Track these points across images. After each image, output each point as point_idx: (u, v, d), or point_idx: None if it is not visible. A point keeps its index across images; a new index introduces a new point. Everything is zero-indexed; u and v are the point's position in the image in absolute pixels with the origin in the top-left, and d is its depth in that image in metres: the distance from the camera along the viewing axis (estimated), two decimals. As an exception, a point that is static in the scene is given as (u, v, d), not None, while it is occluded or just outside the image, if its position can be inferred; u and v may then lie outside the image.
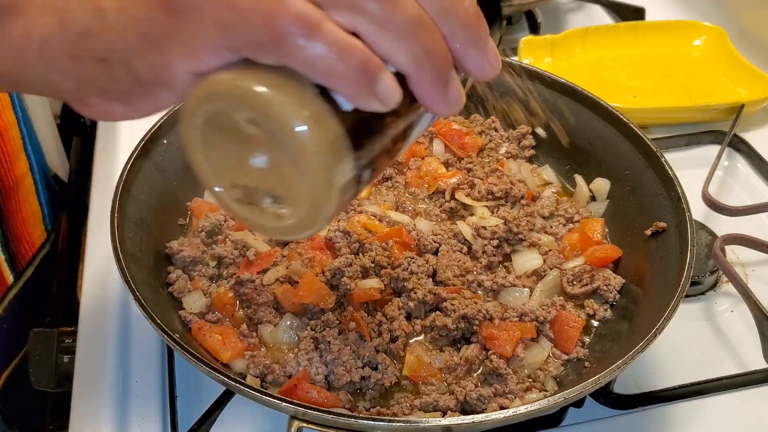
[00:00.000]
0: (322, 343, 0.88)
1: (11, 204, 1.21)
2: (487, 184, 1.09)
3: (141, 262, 0.91)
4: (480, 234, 1.02)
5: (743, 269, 1.11)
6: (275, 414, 0.79)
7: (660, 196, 0.98)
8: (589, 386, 0.75)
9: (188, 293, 0.95)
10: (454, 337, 0.91)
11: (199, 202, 1.06)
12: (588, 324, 0.96)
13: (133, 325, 1.01)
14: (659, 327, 0.79)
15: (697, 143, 1.33)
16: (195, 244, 0.99)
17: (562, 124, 1.14)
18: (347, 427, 0.73)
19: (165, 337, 0.78)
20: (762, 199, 1.21)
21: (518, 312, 0.92)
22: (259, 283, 0.94)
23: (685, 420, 0.92)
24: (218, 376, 0.75)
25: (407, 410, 0.84)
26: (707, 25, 1.52)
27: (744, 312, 0.99)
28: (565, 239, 1.04)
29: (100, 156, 1.29)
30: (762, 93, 1.35)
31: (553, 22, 1.68)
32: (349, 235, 0.98)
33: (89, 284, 1.07)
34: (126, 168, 0.95)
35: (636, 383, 0.95)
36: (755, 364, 0.97)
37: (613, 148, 1.08)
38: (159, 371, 0.96)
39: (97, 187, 1.22)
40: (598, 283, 0.97)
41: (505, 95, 1.18)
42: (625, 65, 1.48)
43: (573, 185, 1.12)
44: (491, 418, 0.73)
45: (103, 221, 0.91)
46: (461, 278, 0.97)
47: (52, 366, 0.99)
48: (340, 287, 0.92)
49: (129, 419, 0.91)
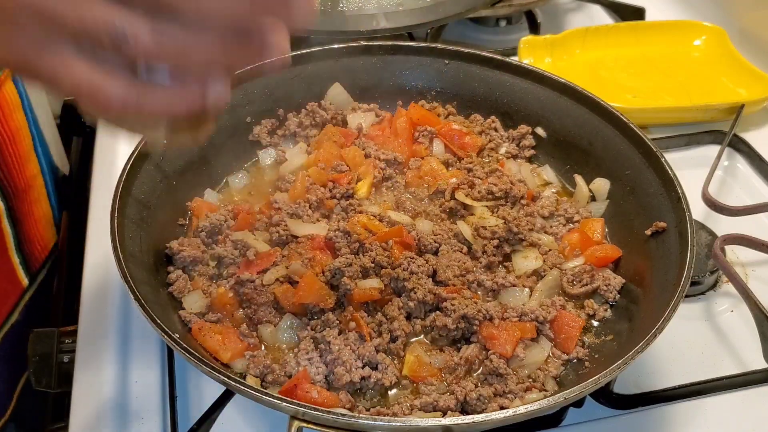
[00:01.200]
0: (322, 343, 0.88)
1: (24, 206, 1.21)
2: (487, 184, 1.09)
3: (141, 262, 0.91)
4: (480, 234, 1.02)
5: (743, 269, 1.11)
6: (275, 414, 0.79)
7: (660, 196, 0.98)
8: (589, 386, 0.75)
9: (188, 293, 0.95)
10: (454, 337, 0.91)
11: (199, 202, 1.06)
12: (588, 324, 0.96)
13: (133, 325, 1.01)
14: (659, 327, 0.79)
15: (697, 143, 1.33)
16: (195, 244, 0.99)
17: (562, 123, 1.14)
18: (347, 427, 0.73)
19: (165, 337, 0.78)
20: (762, 199, 1.21)
21: (518, 312, 0.92)
22: (259, 283, 0.94)
23: (685, 420, 0.92)
24: (218, 376, 0.75)
25: (407, 410, 0.84)
26: (707, 25, 1.52)
27: (744, 312, 0.99)
28: (565, 239, 1.04)
29: (100, 156, 1.29)
30: (762, 93, 1.35)
31: (553, 22, 1.68)
32: (349, 235, 0.98)
33: (89, 284, 1.07)
34: (126, 168, 0.95)
35: (636, 383, 0.95)
36: (755, 364, 0.97)
37: (613, 148, 1.08)
38: (159, 371, 0.96)
39: (97, 187, 1.22)
40: (598, 283, 0.97)
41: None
42: (625, 65, 1.48)
43: (573, 185, 1.12)
44: (491, 418, 0.73)
45: (103, 221, 0.91)
46: (461, 278, 0.97)
47: (52, 366, 0.99)
48: (340, 287, 0.92)
49: (129, 419, 0.91)
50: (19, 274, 1.21)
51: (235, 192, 1.12)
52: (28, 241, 1.23)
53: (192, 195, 1.07)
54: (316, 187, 1.07)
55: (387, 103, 1.23)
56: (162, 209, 1.00)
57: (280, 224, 1.02)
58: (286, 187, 1.09)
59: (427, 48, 1.21)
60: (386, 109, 1.23)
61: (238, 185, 1.13)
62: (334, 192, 1.08)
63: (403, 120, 1.18)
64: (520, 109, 1.19)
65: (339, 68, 1.20)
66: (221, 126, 1.12)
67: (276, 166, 1.15)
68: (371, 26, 1.38)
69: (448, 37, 1.56)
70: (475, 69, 1.20)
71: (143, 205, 0.97)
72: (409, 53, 1.21)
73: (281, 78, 1.17)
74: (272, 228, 1.02)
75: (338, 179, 1.09)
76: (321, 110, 1.19)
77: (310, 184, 1.08)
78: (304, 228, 1.01)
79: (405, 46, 1.22)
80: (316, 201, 1.05)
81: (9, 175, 1.17)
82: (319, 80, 1.20)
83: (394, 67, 1.22)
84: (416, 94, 1.23)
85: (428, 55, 1.21)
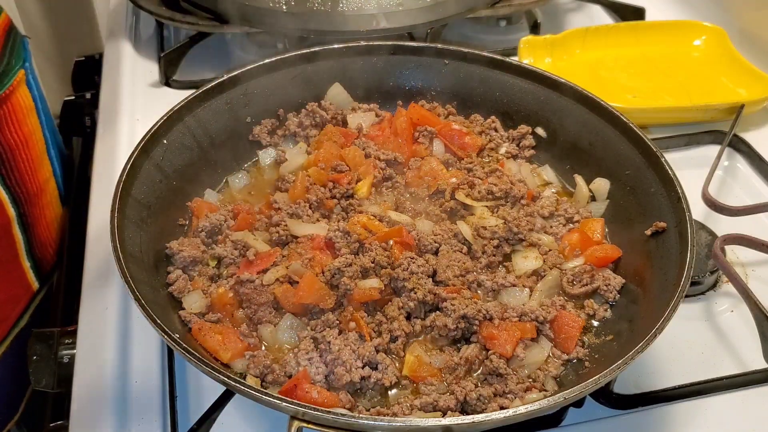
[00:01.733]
0: (322, 343, 0.88)
1: (35, 210, 1.22)
2: (487, 184, 1.09)
3: (141, 262, 0.91)
4: (480, 234, 1.02)
5: (743, 269, 1.11)
6: (275, 414, 0.79)
7: (660, 196, 0.98)
8: (589, 386, 0.75)
9: (188, 293, 0.95)
10: (454, 337, 0.91)
11: (199, 202, 1.06)
12: (588, 324, 0.96)
13: (133, 325, 1.01)
14: (659, 327, 0.79)
15: (697, 143, 1.33)
16: (195, 244, 0.99)
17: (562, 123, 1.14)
18: (347, 427, 0.73)
19: (165, 337, 0.78)
20: (762, 199, 1.21)
21: (518, 312, 0.92)
22: (259, 283, 0.94)
23: (685, 420, 0.92)
24: (218, 376, 0.75)
25: (407, 410, 0.84)
26: (707, 25, 1.52)
27: (744, 312, 0.99)
28: (565, 239, 1.04)
29: (100, 156, 1.29)
30: (762, 93, 1.35)
31: (553, 22, 1.68)
32: (349, 235, 0.98)
33: (89, 284, 1.07)
34: (126, 168, 0.95)
35: (636, 383, 0.95)
36: (755, 364, 0.97)
37: (613, 148, 1.08)
38: (159, 371, 0.96)
39: (97, 187, 1.22)
40: (598, 283, 0.97)
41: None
42: (625, 65, 1.48)
43: (573, 185, 1.12)
44: (491, 418, 0.73)
45: (103, 221, 0.91)
46: (461, 278, 0.97)
47: (52, 366, 0.99)
48: (340, 287, 0.92)
49: (129, 419, 0.91)
50: (30, 278, 1.22)
51: (235, 192, 1.12)
52: (40, 245, 1.24)
53: (192, 195, 1.07)
54: (316, 187, 1.07)
55: (387, 103, 1.23)
56: (162, 209, 1.00)
57: (280, 224, 1.02)
58: (286, 187, 1.09)
59: (427, 48, 1.21)
60: (386, 109, 1.23)
61: (238, 185, 1.13)
62: (334, 192, 1.08)
63: (403, 120, 1.18)
64: (520, 109, 1.19)
65: (339, 68, 1.21)
66: (221, 126, 1.12)
67: (276, 166, 1.15)
68: (371, 26, 1.38)
69: (448, 37, 1.56)
70: (475, 69, 1.20)
71: (143, 205, 0.97)
72: (409, 53, 1.22)
73: (281, 78, 1.17)
74: (272, 228, 1.02)
75: (338, 179, 1.09)
76: (321, 110, 1.19)
77: (310, 184, 1.08)
78: (304, 228, 1.01)
79: (405, 46, 1.22)
80: (316, 201, 1.05)
81: (21, 180, 1.17)
82: (319, 80, 1.20)
83: (394, 67, 1.22)
84: (416, 94, 1.24)
85: (428, 55, 1.21)
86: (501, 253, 1.02)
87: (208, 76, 1.36)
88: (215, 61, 1.53)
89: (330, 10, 1.39)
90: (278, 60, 1.16)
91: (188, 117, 1.07)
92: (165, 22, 1.51)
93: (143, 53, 1.55)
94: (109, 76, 1.49)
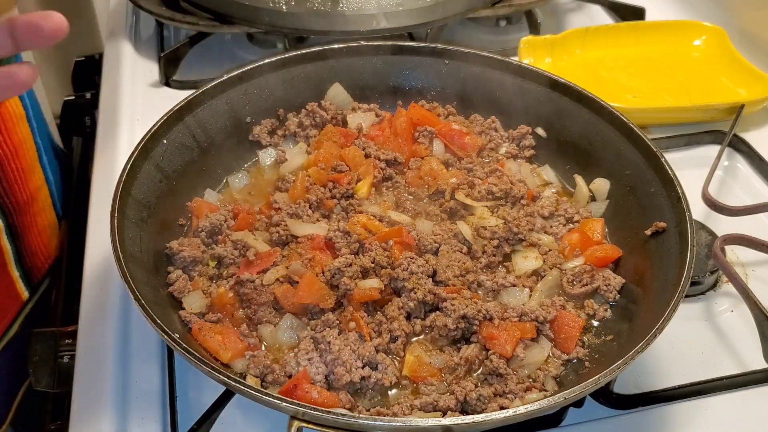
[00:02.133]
0: (322, 343, 0.88)
1: (26, 219, 1.20)
2: (487, 184, 1.09)
3: (141, 262, 0.91)
4: (480, 234, 1.02)
5: (743, 269, 1.11)
6: (275, 414, 0.79)
7: (660, 196, 0.98)
8: (589, 386, 0.75)
9: (188, 293, 0.95)
10: (454, 337, 0.91)
11: (199, 202, 1.06)
12: (588, 324, 0.96)
13: (133, 325, 1.01)
14: (659, 327, 0.79)
15: (697, 143, 1.33)
16: (195, 244, 0.99)
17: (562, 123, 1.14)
18: (347, 427, 0.73)
19: (165, 337, 0.78)
20: (762, 199, 1.21)
21: (518, 312, 0.92)
22: (259, 283, 0.94)
23: (685, 420, 0.92)
24: (218, 376, 0.75)
25: (407, 410, 0.84)
26: (707, 25, 1.52)
27: (744, 312, 0.99)
28: (565, 239, 1.04)
29: (100, 156, 1.29)
30: (762, 93, 1.35)
31: (553, 22, 1.68)
32: (349, 235, 0.98)
33: (89, 284, 1.07)
34: (126, 168, 0.96)
35: (636, 383, 0.95)
36: (755, 364, 0.97)
37: (613, 148, 1.08)
38: (159, 371, 0.96)
39: (97, 187, 1.22)
40: (598, 283, 0.97)
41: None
42: (625, 65, 1.48)
43: (573, 185, 1.12)
44: (491, 418, 0.73)
45: (103, 221, 0.91)
46: (461, 278, 0.97)
47: (52, 366, 0.99)
48: (340, 287, 0.92)
49: (129, 419, 0.91)
50: (18, 287, 1.21)
51: (235, 192, 1.12)
52: (30, 254, 1.23)
53: (192, 195, 1.07)
54: (316, 187, 1.07)
55: (387, 103, 1.23)
56: (162, 209, 1.00)
57: (280, 224, 1.02)
58: (286, 187, 1.09)
59: (427, 48, 1.21)
60: (386, 109, 1.23)
61: (238, 185, 1.13)
62: (334, 192, 1.08)
63: (403, 120, 1.18)
64: (520, 109, 1.19)
65: (339, 68, 1.21)
66: (221, 126, 1.12)
67: (276, 166, 1.15)
68: (371, 26, 1.38)
69: (448, 37, 1.56)
70: (475, 69, 1.20)
71: (143, 205, 0.97)
72: (409, 53, 1.21)
73: (281, 78, 1.17)
74: (272, 228, 1.02)
75: (338, 179, 1.09)
76: (321, 110, 1.19)
77: (310, 184, 1.08)
78: (304, 228, 1.01)
79: (405, 46, 1.22)
80: (316, 201, 1.05)
81: (10, 190, 1.16)
82: (319, 80, 1.20)
83: (394, 67, 1.22)
84: (416, 94, 1.23)
85: (428, 55, 1.21)
86: (501, 253, 1.02)
87: (208, 76, 1.35)
88: (215, 61, 1.53)
89: (330, 10, 1.39)
90: (278, 60, 1.16)
91: (188, 117, 1.07)
92: (165, 22, 1.51)
93: (143, 53, 1.54)
94: (109, 76, 1.49)
